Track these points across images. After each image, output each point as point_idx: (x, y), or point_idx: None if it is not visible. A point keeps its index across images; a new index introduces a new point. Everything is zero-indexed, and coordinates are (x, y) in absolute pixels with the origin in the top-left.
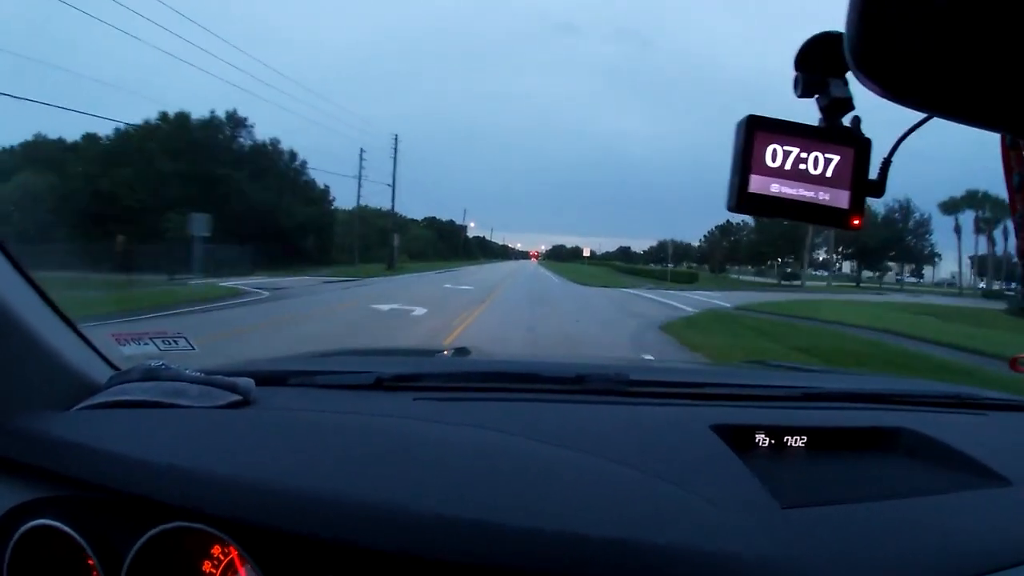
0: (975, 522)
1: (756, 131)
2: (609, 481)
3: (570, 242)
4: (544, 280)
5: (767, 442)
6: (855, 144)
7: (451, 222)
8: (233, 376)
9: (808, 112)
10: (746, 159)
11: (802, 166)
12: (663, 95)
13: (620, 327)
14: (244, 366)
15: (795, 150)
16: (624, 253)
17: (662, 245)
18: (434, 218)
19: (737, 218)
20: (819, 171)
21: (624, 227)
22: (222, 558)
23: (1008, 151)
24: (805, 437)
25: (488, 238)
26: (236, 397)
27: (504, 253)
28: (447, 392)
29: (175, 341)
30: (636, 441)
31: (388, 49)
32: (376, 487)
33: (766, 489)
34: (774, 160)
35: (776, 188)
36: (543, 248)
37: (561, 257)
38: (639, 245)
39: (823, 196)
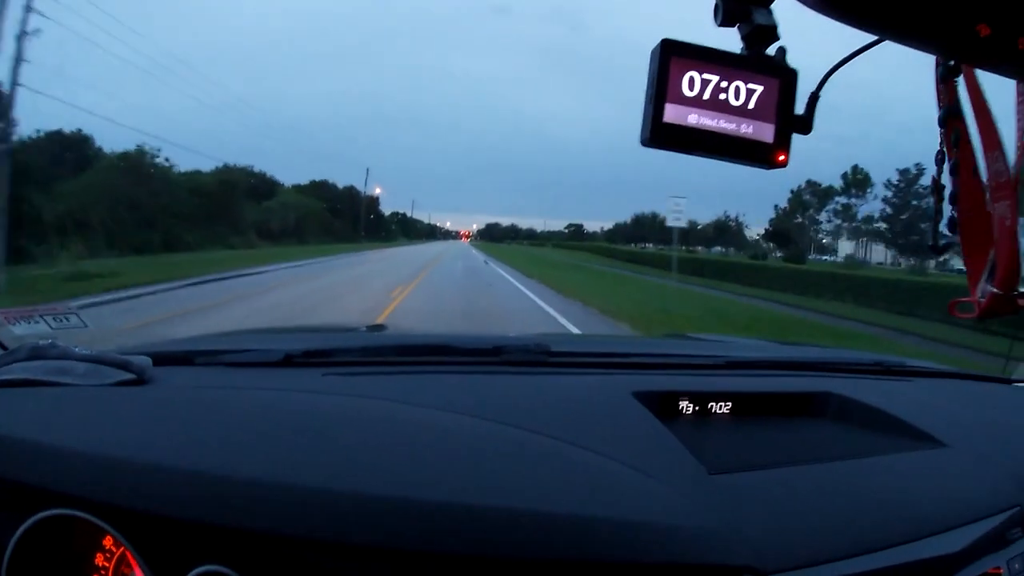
0: (912, 484)
1: (672, 56)
2: (529, 452)
3: (506, 221)
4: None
5: (691, 409)
6: (780, 75)
7: (351, 188)
8: (129, 355)
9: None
10: (660, 87)
11: (722, 96)
12: (595, 77)
13: None
14: (144, 347)
15: (715, 79)
16: (576, 232)
17: (638, 222)
18: (325, 182)
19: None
20: (741, 102)
21: (562, 208)
22: (115, 550)
23: (939, 84)
24: (730, 403)
25: (411, 215)
26: (129, 375)
27: (431, 233)
28: (359, 367)
29: (66, 318)
30: (556, 411)
31: (316, 27)
32: (279, 466)
33: (692, 455)
34: (691, 89)
35: (694, 119)
36: (475, 227)
37: (495, 237)
38: (586, 225)
39: (745, 129)
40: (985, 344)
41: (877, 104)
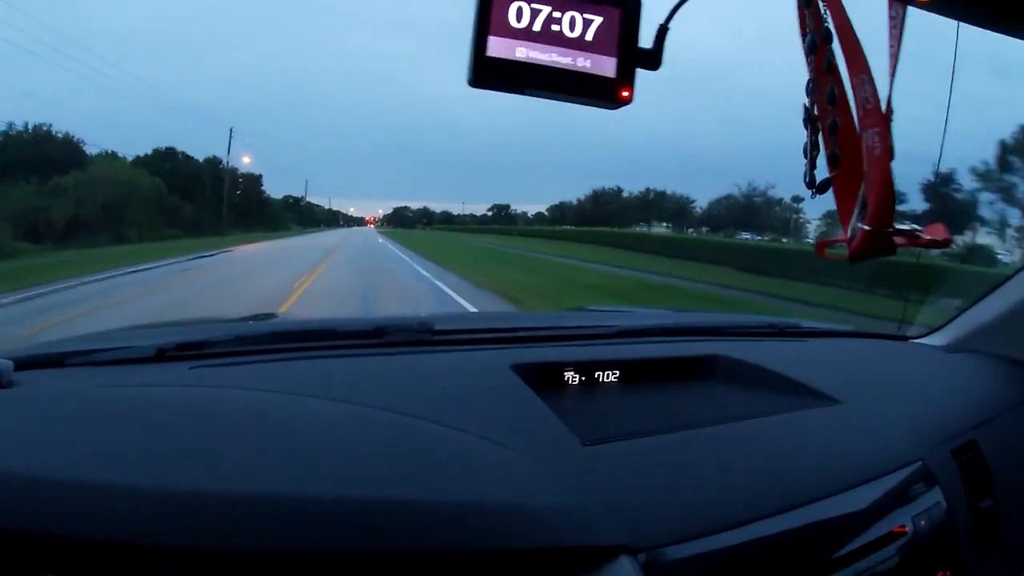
0: (808, 443)
1: None
2: (397, 437)
3: (416, 205)
4: None
5: (577, 379)
6: (621, 4)
7: (215, 160)
8: None
9: None
10: (483, 17)
11: (555, 27)
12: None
13: None
14: (7, 352)
15: (546, 8)
16: (501, 215)
17: (599, 199)
18: (173, 150)
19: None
20: (577, 34)
21: (482, 191)
22: None
23: (803, 7)
24: (617, 371)
25: (307, 200)
26: None
27: (333, 219)
28: (233, 357)
29: None
30: (434, 390)
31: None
32: (132, 468)
33: (567, 427)
34: (519, 20)
35: (523, 52)
36: (381, 213)
37: (405, 222)
38: (475, 209)
39: (583, 63)
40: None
41: None
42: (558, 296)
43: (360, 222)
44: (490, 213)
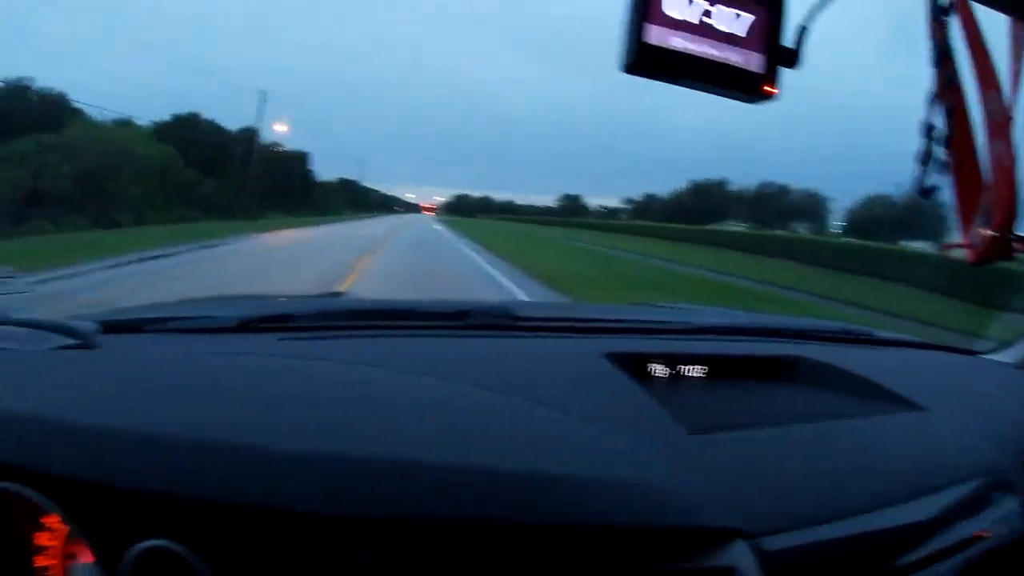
0: (893, 446)
1: None
2: (503, 413)
3: (477, 193)
4: None
5: (664, 371)
6: (769, 4)
7: (251, 132)
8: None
9: None
10: (642, 6)
11: (709, 20)
12: (561, 48)
13: None
14: (91, 315)
15: (702, 2)
16: (571, 207)
17: (699, 191)
18: (196, 116)
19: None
20: (729, 28)
21: (548, 181)
22: (57, 527)
23: (932, 22)
24: (704, 366)
25: (362, 184)
26: (73, 341)
27: (389, 205)
28: (317, 331)
29: (3, 283)
30: (526, 373)
31: None
32: (235, 431)
33: (670, 415)
34: (675, 10)
35: (679, 43)
36: (440, 199)
37: (464, 210)
38: (542, 199)
39: (733, 57)
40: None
41: None
42: None
43: (417, 208)
44: (558, 204)
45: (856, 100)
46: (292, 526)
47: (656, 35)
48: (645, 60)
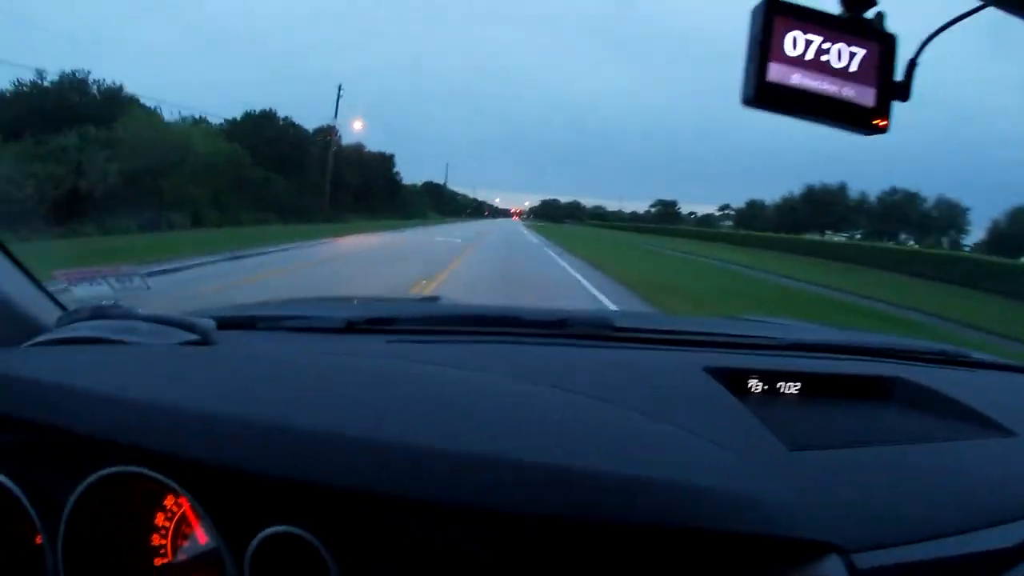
0: (987, 469)
1: (775, 15)
2: (608, 420)
3: (564, 199)
4: None
5: (761, 387)
6: (880, 39)
7: (327, 129)
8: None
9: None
10: (764, 45)
11: (824, 57)
12: (648, 52)
13: None
14: (205, 311)
15: (817, 39)
16: (665, 214)
17: (814, 198)
18: (268, 113)
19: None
20: (843, 64)
21: (627, 187)
22: (175, 509)
23: None
24: (799, 384)
25: (449, 187)
26: (193, 337)
27: (477, 209)
28: (422, 335)
29: (129, 280)
30: (627, 383)
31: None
32: (351, 423)
33: (770, 431)
34: (795, 48)
35: (797, 79)
36: (528, 204)
37: (553, 216)
38: (633, 206)
39: (847, 92)
40: None
41: None
42: None
43: (505, 213)
44: (653, 210)
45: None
46: (410, 515)
47: (776, 72)
48: (765, 95)
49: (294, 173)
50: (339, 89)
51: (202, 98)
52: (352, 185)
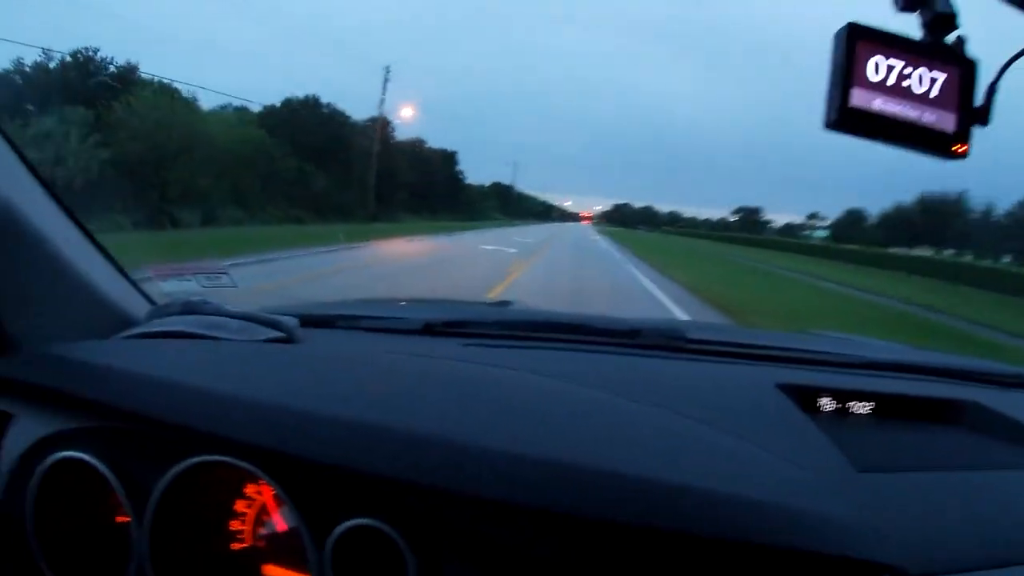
0: None
1: (858, 41)
2: (679, 431)
3: (637, 203)
4: None
5: (832, 406)
6: (961, 64)
7: (382, 122)
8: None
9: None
10: (847, 71)
11: (906, 83)
12: (722, 54)
13: None
14: (285, 309)
15: (899, 64)
16: (747, 221)
17: (930, 208)
18: (311, 100)
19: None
20: (924, 90)
21: (705, 192)
22: (256, 497)
23: None
24: (870, 404)
25: (517, 188)
26: (278, 334)
27: (545, 212)
28: (496, 339)
29: (217, 277)
30: (698, 396)
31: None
32: (433, 423)
33: (839, 451)
34: (877, 74)
35: (879, 104)
36: (599, 208)
37: (625, 221)
38: (711, 212)
39: (928, 117)
40: None
41: None
42: None
43: (575, 217)
44: (734, 217)
45: None
46: (487, 516)
47: (858, 97)
48: (847, 120)
49: (336, 167)
50: (386, 72)
51: (249, 87)
52: (407, 182)
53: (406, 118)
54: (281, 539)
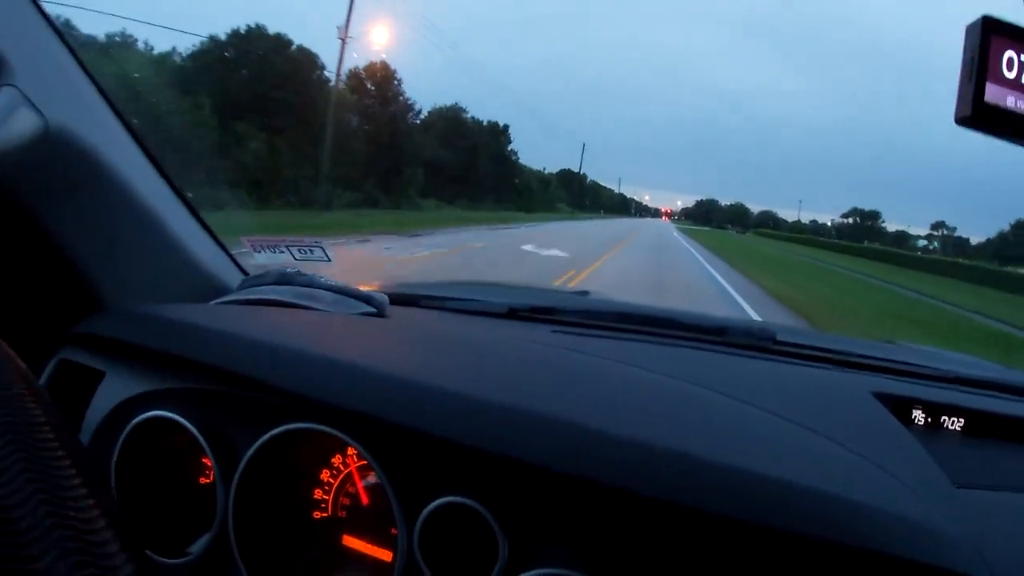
0: None
1: (992, 35)
2: (781, 431)
3: (725, 200)
4: None
5: (924, 419)
6: None
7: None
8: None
9: None
10: (981, 66)
11: None
12: (814, 49)
13: None
14: (375, 287)
15: None
16: (862, 226)
17: None
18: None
19: None
20: None
21: (794, 192)
22: (342, 468)
23: None
24: (963, 420)
25: (588, 178)
26: (370, 308)
27: (623, 206)
28: (582, 327)
29: (311, 250)
30: (791, 398)
31: None
32: (524, 398)
33: (936, 464)
34: (1011, 70)
35: (1011, 102)
36: (680, 204)
37: (711, 219)
38: (814, 215)
39: None
40: None
41: None
42: None
43: (655, 213)
44: (847, 221)
45: None
46: (581, 498)
47: (993, 94)
48: (981, 116)
49: (289, 124)
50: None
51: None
52: (434, 159)
53: (377, 44)
54: (364, 511)
